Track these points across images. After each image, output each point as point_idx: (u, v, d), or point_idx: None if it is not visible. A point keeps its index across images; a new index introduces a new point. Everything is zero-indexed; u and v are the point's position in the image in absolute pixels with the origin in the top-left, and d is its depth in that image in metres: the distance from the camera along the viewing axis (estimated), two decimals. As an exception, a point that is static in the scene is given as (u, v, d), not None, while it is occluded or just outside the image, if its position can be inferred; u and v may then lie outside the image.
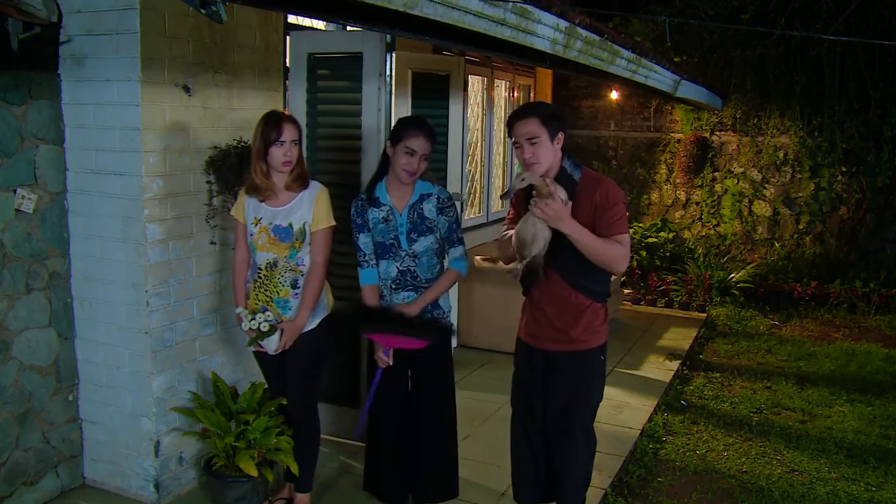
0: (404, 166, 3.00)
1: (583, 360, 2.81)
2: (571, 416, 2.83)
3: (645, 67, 4.92)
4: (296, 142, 3.00)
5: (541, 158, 2.69)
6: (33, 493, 3.32)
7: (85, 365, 3.47)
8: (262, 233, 3.06)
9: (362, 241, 3.14)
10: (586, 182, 2.73)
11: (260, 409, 3.28)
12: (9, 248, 3.15)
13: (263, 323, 2.97)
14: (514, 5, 2.85)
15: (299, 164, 3.05)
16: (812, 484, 3.99)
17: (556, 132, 2.71)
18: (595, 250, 2.63)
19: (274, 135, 2.96)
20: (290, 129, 2.98)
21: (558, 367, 2.82)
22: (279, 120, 2.98)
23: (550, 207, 2.56)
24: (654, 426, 4.61)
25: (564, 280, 2.76)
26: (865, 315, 7.43)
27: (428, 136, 3.02)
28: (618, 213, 2.69)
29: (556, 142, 2.71)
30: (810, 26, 7.43)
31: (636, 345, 6.22)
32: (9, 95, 3.08)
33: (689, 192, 8.84)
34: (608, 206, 2.68)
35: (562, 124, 2.74)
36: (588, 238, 2.62)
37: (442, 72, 5.21)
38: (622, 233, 2.68)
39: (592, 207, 2.68)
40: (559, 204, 2.57)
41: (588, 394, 2.85)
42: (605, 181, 2.74)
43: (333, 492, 3.58)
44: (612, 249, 2.65)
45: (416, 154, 2.99)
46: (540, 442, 2.97)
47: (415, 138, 2.98)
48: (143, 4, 3.05)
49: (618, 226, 2.68)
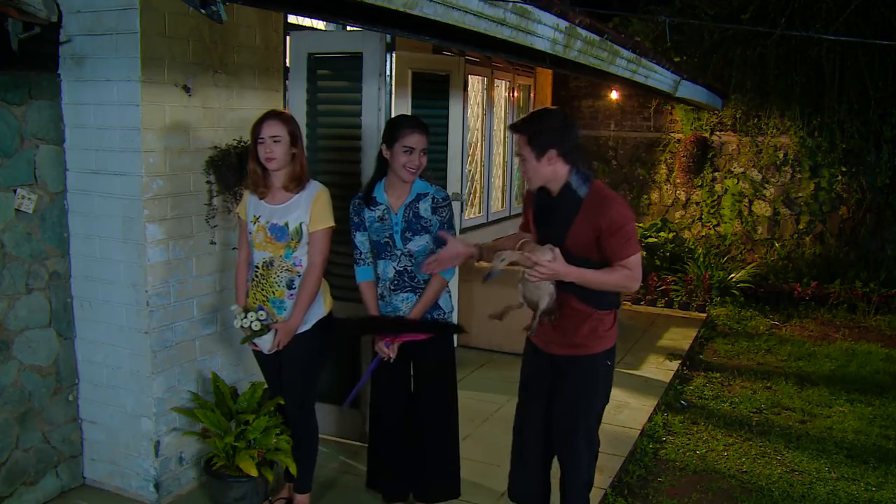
0: (405, 164, 3.01)
1: (587, 364, 2.80)
2: (575, 420, 2.82)
3: (645, 67, 4.92)
4: (276, 139, 2.96)
5: (528, 176, 2.68)
6: (33, 493, 3.32)
7: (85, 365, 3.47)
8: (259, 231, 3.06)
9: (359, 239, 3.16)
10: (592, 201, 2.63)
11: (260, 409, 3.28)
12: (9, 248, 3.15)
13: (255, 322, 2.97)
14: (514, 5, 2.85)
15: (296, 164, 3.03)
16: (812, 484, 3.99)
17: (543, 151, 2.60)
18: (602, 284, 2.62)
19: (255, 132, 2.99)
20: (270, 126, 2.97)
21: (563, 370, 2.82)
22: (262, 118, 3.00)
23: (540, 273, 2.55)
24: (654, 426, 4.61)
25: (570, 292, 2.71)
26: (865, 315, 7.43)
27: (422, 131, 3.03)
28: (626, 236, 2.59)
29: (545, 160, 2.62)
30: (810, 26, 7.43)
31: (636, 345, 6.22)
32: (9, 95, 3.08)
33: (689, 192, 8.84)
34: (614, 230, 2.58)
35: (557, 140, 2.61)
36: (590, 277, 2.60)
37: (442, 72, 5.21)
38: (632, 255, 2.60)
39: (596, 230, 2.60)
40: (548, 265, 2.54)
41: (591, 398, 2.83)
42: (612, 203, 2.62)
43: (333, 492, 3.58)
44: (618, 278, 2.60)
45: (415, 151, 3.00)
46: (539, 444, 2.97)
47: (410, 135, 2.99)
48: (143, 4, 3.05)
49: (627, 249, 2.59)
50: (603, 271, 2.61)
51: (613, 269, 2.61)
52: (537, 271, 2.54)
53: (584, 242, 2.64)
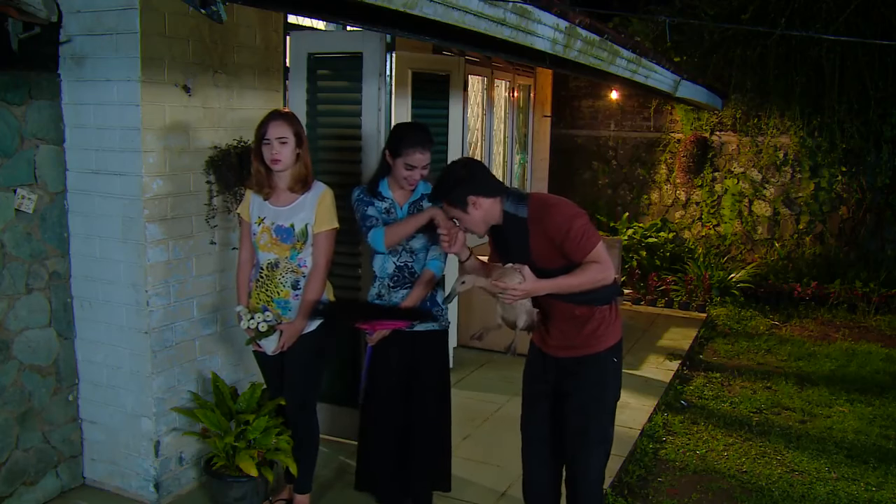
0: (405, 178, 3.07)
1: (594, 362, 2.80)
2: (587, 419, 2.82)
3: (645, 67, 4.92)
4: (283, 140, 2.94)
5: (470, 227, 2.74)
6: (33, 493, 3.32)
7: (85, 365, 3.47)
8: (264, 232, 3.06)
9: (370, 211, 3.10)
10: (534, 216, 2.66)
11: (260, 409, 3.28)
12: (9, 248, 3.15)
13: (262, 323, 2.97)
14: (514, 5, 2.85)
15: (301, 165, 3.02)
16: (812, 484, 3.99)
17: (465, 202, 2.65)
18: (578, 285, 2.62)
19: (260, 132, 2.97)
20: (275, 127, 2.95)
21: (571, 371, 2.82)
22: (268, 118, 2.99)
23: (512, 295, 2.60)
24: (654, 426, 4.61)
25: (563, 300, 2.72)
26: (865, 315, 7.43)
27: (427, 148, 3.05)
28: (578, 233, 2.59)
29: (472, 208, 2.66)
30: (810, 26, 7.43)
31: (636, 345, 6.22)
32: (9, 95, 3.08)
33: (689, 192, 8.84)
34: (564, 232, 2.59)
35: (468, 188, 2.65)
36: (564, 283, 2.61)
37: (442, 72, 5.21)
38: (593, 248, 2.60)
39: (550, 240, 2.63)
40: (518, 287, 2.58)
41: (602, 396, 2.83)
42: (551, 209, 2.65)
43: (333, 492, 3.58)
44: (591, 274, 2.60)
45: (416, 168, 3.04)
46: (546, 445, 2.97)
47: (413, 154, 3.02)
48: (143, 4, 3.05)
49: (586, 244, 2.60)
50: (574, 274, 2.62)
51: (583, 267, 2.61)
52: (509, 295, 2.60)
53: (546, 255, 2.65)
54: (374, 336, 3.11)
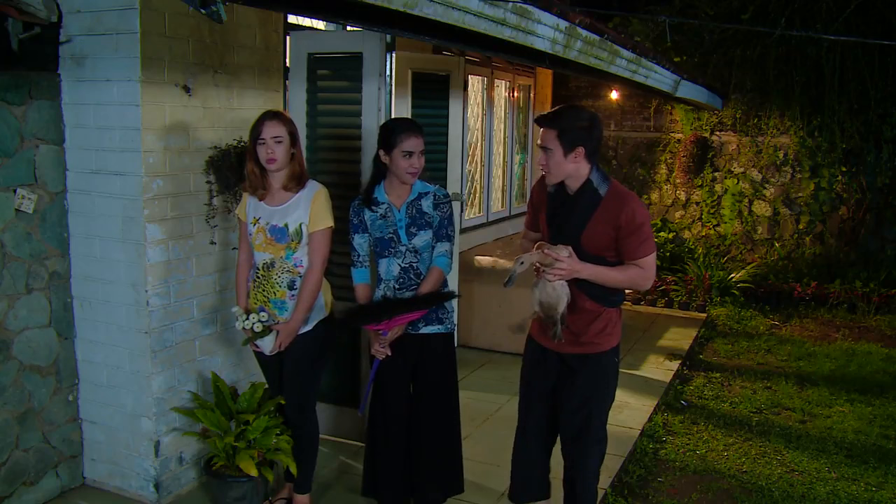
0: (407, 168, 3.03)
1: (597, 362, 2.81)
2: (587, 418, 2.83)
3: (645, 67, 4.92)
4: (278, 140, 2.96)
5: (551, 170, 2.70)
6: (33, 493, 3.32)
7: (85, 365, 3.47)
8: (259, 232, 3.06)
9: (357, 241, 3.16)
10: (611, 198, 2.67)
11: (260, 409, 3.28)
12: (9, 248, 3.15)
13: (257, 323, 2.97)
14: (514, 5, 2.85)
15: (295, 163, 3.03)
16: (812, 484, 3.99)
17: (572, 147, 2.63)
18: (615, 281, 2.66)
19: (255, 133, 2.98)
20: (270, 127, 2.96)
21: (573, 369, 2.83)
22: (262, 119, 2.99)
23: (561, 270, 2.59)
24: (654, 426, 4.61)
25: (579, 289, 2.74)
26: (865, 315, 7.43)
27: (419, 133, 3.05)
28: (644, 235, 2.64)
29: (573, 157, 2.65)
30: (810, 26, 7.43)
31: (636, 345, 6.22)
32: (9, 95, 3.08)
33: (689, 192, 8.84)
34: (634, 228, 2.62)
35: (585, 138, 2.64)
36: (606, 274, 2.64)
37: (442, 72, 5.21)
38: (648, 254, 2.65)
39: (615, 228, 2.63)
40: (566, 263, 2.59)
41: (602, 395, 2.86)
42: (630, 201, 2.66)
43: (333, 492, 3.58)
44: (632, 276, 2.64)
45: (414, 154, 3.02)
46: (542, 443, 2.97)
47: (408, 140, 3.01)
48: (143, 4, 3.05)
49: (643, 248, 2.64)
50: (617, 268, 2.65)
51: (627, 266, 2.65)
52: (557, 268, 2.58)
53: (599, 240, 2.66)
54: (388, 336, 3.06)
